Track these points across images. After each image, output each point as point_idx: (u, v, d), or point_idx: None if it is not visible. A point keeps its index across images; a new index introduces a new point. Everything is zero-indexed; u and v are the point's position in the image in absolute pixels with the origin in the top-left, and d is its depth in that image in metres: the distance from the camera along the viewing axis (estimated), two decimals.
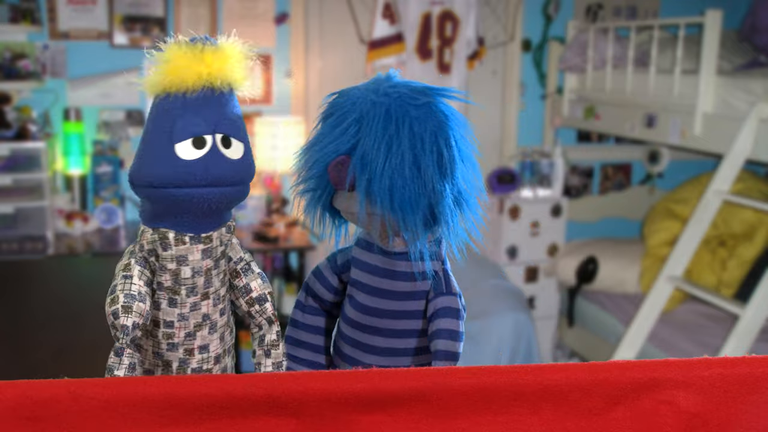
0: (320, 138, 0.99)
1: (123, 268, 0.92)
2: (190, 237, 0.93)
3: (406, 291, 1.01)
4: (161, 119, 0.89)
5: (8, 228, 3.39)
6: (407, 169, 0.93)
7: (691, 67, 3.34)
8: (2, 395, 0.72)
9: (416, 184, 0.93)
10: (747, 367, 0.79)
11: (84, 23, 3.74)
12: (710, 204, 3.03)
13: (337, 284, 1.09)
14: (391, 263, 1.01)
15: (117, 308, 0.89)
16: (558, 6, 4.37)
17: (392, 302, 1.01)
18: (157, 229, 0.93)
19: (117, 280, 0.91)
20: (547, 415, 0.77)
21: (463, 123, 0.98)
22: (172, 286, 0.94)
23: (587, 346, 4.14)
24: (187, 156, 0.88)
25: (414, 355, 1.03)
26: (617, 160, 4.66)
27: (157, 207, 0.92)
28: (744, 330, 2.76)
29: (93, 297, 2.58)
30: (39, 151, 3.38)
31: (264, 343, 1.04)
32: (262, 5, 3.95)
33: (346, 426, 0.77)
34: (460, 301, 1.00)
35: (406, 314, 1.01)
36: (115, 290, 0.90)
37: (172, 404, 0.74)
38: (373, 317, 1.02)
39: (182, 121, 0.88)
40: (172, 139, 0.88)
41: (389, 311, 1.01)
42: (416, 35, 3.94)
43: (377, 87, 0.97)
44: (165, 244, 0.93)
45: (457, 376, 0.77)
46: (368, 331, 1.03)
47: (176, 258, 0.93)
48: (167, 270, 0.94)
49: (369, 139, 0.94)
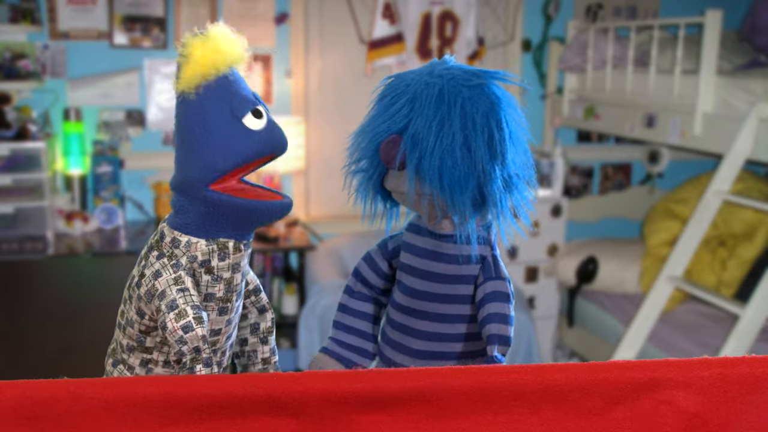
0: (374, 119, 1.00)
1: (175, 282, 0.91)
2: (244, 244, 0.96)
3: (454, 274, 1.00)
4: (214, 105, 0.91)
5: (8, 228, 3.39)
6: (458, 149, 0.93)
7: (691, 67, 3.34)
8: (2, 395, 0.72)
9: (466, 164, 0.93)
10: (747, 367, 0.79)
11: (84, 23, 3.74)
12: (710, 204, 3.03)
13: (387, 269, 1.09)
14: (438, 245, 1.00)
15: (189, 321, 0.88)
16: (558, 6, 4.37)
17: (440, 285, 1.01)
18: (216, 240, 0.93)
19: (172, 294, 0.90)
20: (547, 415, 0.78)
21: (514, 105, 0.98)
22: (225, 295, 0.95)
23: (587, 346, 4.14)
24: (257, 126, 0.92)
25: (464, 341, 1.02)
26: (617, 160, 4.66)
27: (221, 217, 0.92)
28: (744, 330, 2.76)
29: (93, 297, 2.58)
30: (39, 151, 3.38)
31: (259, 331, 1.05)
32: (262, 5, 3.95)
33: (346, 426, 0.77)
34: (509, 286, 1.00)
35: (454, 298, 1.01)
36: (177, 305, 0.89)
37: (172, 404, 0.74)
38: (422, 300, 1.02)
39: (236, 98, 0.92)
40: (237, 114, 0.91)
41: (437, 294, 1.01)
42: (416, 35, 3.94)
43: (432, 69, 0.98)
44: (224, 254, 0.94)
45: (457, 376, 0.77)
46: (416, 315, 1.02)
47: (232, 266, 0.95)
48: (222, 280, 0.94)
49: (421, 119, 0.94)
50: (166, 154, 3.89)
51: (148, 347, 0.96)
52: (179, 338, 0.88)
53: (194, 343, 0.88)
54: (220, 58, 0.91)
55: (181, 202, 0.94)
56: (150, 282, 0.92)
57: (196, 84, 0.91)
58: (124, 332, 0.97)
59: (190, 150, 0.91)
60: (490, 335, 0.97)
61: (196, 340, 0.88)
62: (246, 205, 0.91)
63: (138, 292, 0.93)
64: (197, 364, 0.88)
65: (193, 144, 0.91)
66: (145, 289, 0.92)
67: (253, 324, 1.05)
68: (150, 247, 0.96)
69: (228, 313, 0.96)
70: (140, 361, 0.96)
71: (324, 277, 3.56)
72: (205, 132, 0.90)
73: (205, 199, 0.91)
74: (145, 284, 0.92)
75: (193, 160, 0.91)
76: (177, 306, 0.89)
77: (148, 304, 0.92)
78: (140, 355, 0.96)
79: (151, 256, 0.94)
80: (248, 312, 1.05)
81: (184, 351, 0.88)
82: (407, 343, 1.03)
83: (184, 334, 0.88)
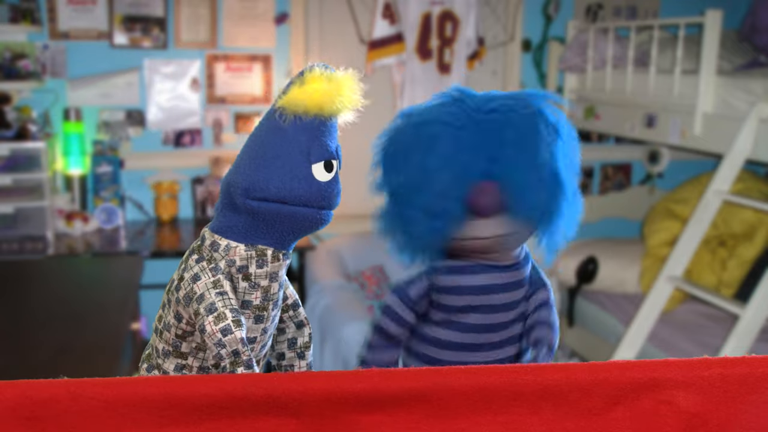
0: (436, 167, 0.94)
1: (213, 285, 0.91)
2: (283, 254, 0.95)
3: (524, 296, 1.04)
4: (298, 138, 0.91)
5: (8, 228, 3.39)
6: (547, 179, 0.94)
7: (691, 67, 3.34)
8: (2, 395, 0.72)
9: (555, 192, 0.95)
10: (747, 367, 0.79)
11: (84, 23, 3.73)
12: (710, 204, 3.03)
13: (413, 318, 1.04)
14: (512, 275, 1.01)
15: (228, 324, 0.88)
16: (558, 6, 4.37)
17: (511, 312, 1.03)
18: (255, 246, 0.93)
19: (211, 297, 0.90)
20: (547, 415, 0.77)
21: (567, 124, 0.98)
22: (261, 303, 0.95)
23: (587, 346, 4.13)
24: (321, 178, 0.91)
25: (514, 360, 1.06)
26: (617, 160, 4.66)
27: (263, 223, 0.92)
28: (744, 330, 2.76)
29: (93, 297, 2.58)
30: (39, 151, 3.38)
31: (296, 346, 1.05)
32: (262, 5, 3.95)
33: (346, 426, 0.77)
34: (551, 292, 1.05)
35: (519, 317, 1.04)
36: (215, 308, 0.89)
37: (172, 404, 0.74)
38: (491, 333, 1.02)
39: (319, 143, 0.91)
40: (310, 159, 0.90)
41: (507, 322, 1.03)
42: (416, 35, 3.94)
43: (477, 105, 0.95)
44: (262, 261, 0.93)
45: (457, 376, 0.77)
46: (483, 348, 1.02)
47: (270, 275, 0.95)
48: (259, 287, 0.94)
49: (511, 160, 0.93)
50: (166, 154, 3.89)
51: (183, 352, 0.96)
52: (218, 341, 0.88)
53: (233, 347, 0.88)
54: (330, 102, 0.90)
55: (225, 204, 0.94)
56: (189, 285, 0.92)
57: (295, 111, 0.91)
58: (160, 336, 0.97)
59: (253, 161, 0.92)
60: (538, 339, 1.01)
61: (235, 343, 0.88)
62: (284, 211, 0.91)
63: (177, 296, 0.93)
64: (238, 366, 0.88)
65: (258, 158, 0.92)
66: (184, 293, 0.92)
67: (291, 339, 1.05)
68: (191, 251, 0.96)
69: (264, 322, 0.96)
70: (175, 366, 0.96)
71: (324, 277, 3.56)
72: (275, 156, 0.91)
73: (245, 205, 0.92)
74: (183, 287, 0.92)
75: (250, 172, 0.91)
76: (216, 309, 0.89)
77: (186, 307, 0.92)
78: (175, 360, 0.96)
79: (191, 259, 0.94)
80: (286, 326, 1.05)
81: (222, 354, 0.88)
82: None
83: (222, 337, 0.87)
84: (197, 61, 3.91)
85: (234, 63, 3.95)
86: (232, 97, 3.98)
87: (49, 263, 3.14)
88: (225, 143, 3.99)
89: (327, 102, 0.90)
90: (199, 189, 3.92)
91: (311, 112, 0.91)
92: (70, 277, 2.91)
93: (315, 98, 0.90)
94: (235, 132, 4.00)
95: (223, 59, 3.94)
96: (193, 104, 3.92)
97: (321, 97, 0.90)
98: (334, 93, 0.91)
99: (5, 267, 2.96)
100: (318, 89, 0.90)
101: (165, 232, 3.75)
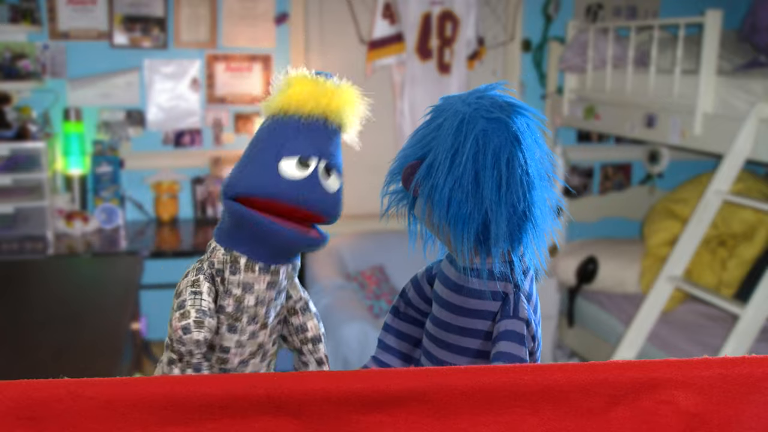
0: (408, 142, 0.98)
1: (191, 284, 0.92)
2: (260, 266, 0.93)
3: (475, 309, 0.97)
4: (272, 136, 0.92)
5: (8, 228, 3.39)
6: (468, 183, 0.90)
7: (691, 67, 3.34)
8: (2, 395, 0.72)
9: (474, 200, 0.90)
10: (747, 367, 0.79)
11: (84, 23, 3.73)
12: (710, 204, 3.03)
13: (430, 294, 1.06)
14: (462, 278, 0.97)
15: (188, 323, 0.89)
16: (558, 6, 4.37)
17: (460, 318, 0.98)
18: (230, 251, 0.93)
19: (185, 295, 0.91)
20: (547, 415, 0.77)
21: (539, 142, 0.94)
22: (233, 312, 0.94)
23: (587, 346, 4.14)
24: (290, 175, 0.90)
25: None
26: (617, 160, 4.66)
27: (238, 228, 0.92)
28: (744, 330, 2.76)
29: (93, 297, 2.58)
30: (39, 151, 3.38)
31: None
32: (262, 5, 3.95)
33: (346, 426, 0.77)
34: (527, 328, 0.94)
35: (472, 332, 0.98)
36: (184, 305, 0.90)
37: (172, 404, 0.74)
38: (443, 331, 1.00)
39: (293, 141, 0.91)
40: (279, 155, 0.90)
41: (456, 327, 0.99)
42: (416, 35, 3.94)
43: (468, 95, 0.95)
44: (234, 268, 0.93)
45: (457, 376, 0.77)
46: (439, 344, 1.01)
47: (242, 284, 0.93)
48: (231, 295, 0.94)
49: (439, 148, 0.92)
50: (166, 154, 3.89)
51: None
52: (178, 338, 0.89)
53: (188, 346, 0.88)
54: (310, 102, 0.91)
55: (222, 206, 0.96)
56: (179, 282, 0.95)
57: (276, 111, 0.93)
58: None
59: (240, 160, 0.94)
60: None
61: (191, 344, 0.88)
62: (261, 224, 0.90)
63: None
64: (187, 368, 0.89)
65: (243, 157, 0.94)
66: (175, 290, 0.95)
67: None
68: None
69: (238, 334, 0.95)
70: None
71: (324, 277, 3.56)
72: (250, 154, 0.93)
73: (224, 204, 0.93)
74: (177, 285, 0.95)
75: (232, 172, 0.93)
76: (184, 306, 0.90)
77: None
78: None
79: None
80: (307, 361, 1.04)
81: (182, 352, 0.89)
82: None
83: (183, 335, 0.88)
84: (197, 61, 3.91)
85: (234, 63, 3.95)
86: (232, 97, 3.98)
87: (48, 263, 3.14)
88: (225, 143, 3.99)
89: (307, 102, 0.91)
90: (199, 189, 3.92)
91: (290, 112, 0.92)
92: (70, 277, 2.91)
93: (294, 98, 0.92)
94: (235, 132, 4.01)
95: (223, 59, 3.94)
96: (193, 104, 3.92)
97: (301, 97, 0.92)
98: (317, 94, 0.92)
99: (5, 267, 2.96)
100: (300, 90, 0.92)
101: (165, 232, 3.75)
